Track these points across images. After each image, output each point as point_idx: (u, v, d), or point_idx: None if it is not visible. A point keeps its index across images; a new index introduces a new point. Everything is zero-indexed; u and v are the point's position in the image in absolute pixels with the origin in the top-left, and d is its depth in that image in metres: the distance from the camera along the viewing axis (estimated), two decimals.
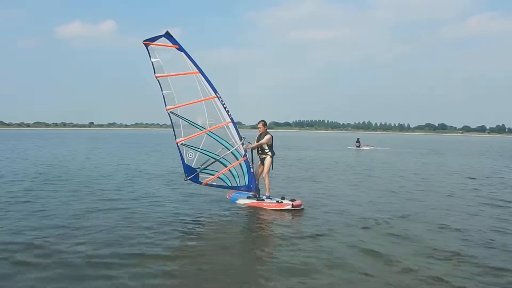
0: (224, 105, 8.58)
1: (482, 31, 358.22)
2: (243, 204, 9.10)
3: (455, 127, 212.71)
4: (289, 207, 8.51)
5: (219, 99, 8.55)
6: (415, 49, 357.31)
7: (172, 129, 8.64)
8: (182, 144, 8.73)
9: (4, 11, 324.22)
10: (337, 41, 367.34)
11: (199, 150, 8.77)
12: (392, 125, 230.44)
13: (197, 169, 8.88)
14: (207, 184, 9.15)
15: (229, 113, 8.65)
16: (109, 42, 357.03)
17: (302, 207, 8.63)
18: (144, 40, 8.09)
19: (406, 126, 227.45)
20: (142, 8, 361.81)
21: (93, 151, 29.71)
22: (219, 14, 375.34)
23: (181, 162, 8.87)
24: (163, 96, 8.36)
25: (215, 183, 9.14)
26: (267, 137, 9.08)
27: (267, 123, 9.47)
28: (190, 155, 8.79)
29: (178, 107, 8.48)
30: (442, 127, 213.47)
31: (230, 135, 8.75)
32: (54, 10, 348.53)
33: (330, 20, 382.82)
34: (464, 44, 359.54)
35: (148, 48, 8.13)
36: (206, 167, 8.88)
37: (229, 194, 9.69)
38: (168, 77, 8.29)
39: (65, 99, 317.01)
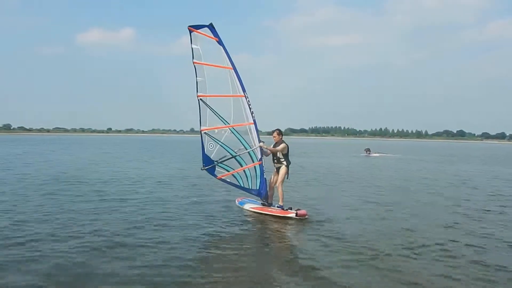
0: (250, 106, 8.80)
1: (502, 35, 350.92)
2: (249, 209, 9.25)
3: (474, 134, 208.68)
4: (293, 215, 8.52)
5: (246, 99, 8.78)
6: (432, 55, 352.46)
7: (199, 117, 8.82)
8: (205, 133, 8.89)
9: (27, 19, 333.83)
10: (354, 47, 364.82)
11: (219, 143, 8.95)
12: (410, 131, 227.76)
13: (215, 162, 9.08)
14: (221, 179, 9.26)
15: (253, 115, 8.85)
16: (128, 50, 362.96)
17: (306, 216, 8.56)
18: (189, 26, 8.42)
19: (423, 133, 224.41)
20: (161, 16, 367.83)
21: (110, 156, 30.86)
22: (236, 22, 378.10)
23: (201, 152, 9.03)
24: (197, 82, 8.57)
25: (228, 180, 9.24)
26: (282, 145, 8.98)
27: (283, 130, 9.49)
28: (211, 146, 8.97)
29: (208, 96, 8.71)
30: (461, 134, 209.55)
31: (250, 136, 8.96)
32: (74, 18, 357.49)
33: (346, 26, 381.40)
34: (483, 49, 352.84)
35: (191, 34, 8.46)
36: (223, 161, 9.06)
37: (238, 199, 9.94)
38: (204, 66, 8.56)
39: (84, 105, 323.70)
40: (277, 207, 9.02)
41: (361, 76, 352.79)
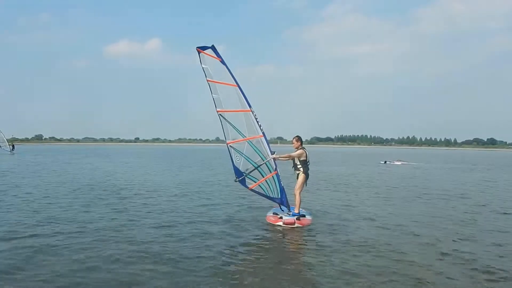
0: (257, 120, 9.15)
1: None
2: (266, 217, 9.50)
3: (506, 142, 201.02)
4: (281, 223, 8.75)
5: (253, 114, 9.12)
6: (461, 62, 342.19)
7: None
8: (230, 146, 9.25)
9: (57, 33, 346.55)
10: (381, 55, 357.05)
11: (243, 155, 9.31)
12: (438, 140, 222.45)
13: (244, 173, 9.42)
14: (252, 190, 9.61)
15: (261, 127, 9.20)
16: (155, 60, 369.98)
17: (296, 225, 8.64)
18: (197, 47, 8.83)
19: (452, 141, 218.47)
20: (187, 27, 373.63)
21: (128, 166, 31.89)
22: (261, 33, 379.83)
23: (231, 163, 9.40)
24: (213, 98, 9.00)
25: (257, 190, 9.58)
26: (297, 152, 9.17)
27: (309, 139, 9.72)
28: (237, 158, 9.35)
29: (225, 112, 9.09)
30: (492, 142, 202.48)
31: (263, 148, 9.30)
32: (102, 31, 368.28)
33: (373, 35, 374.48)
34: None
35: (199, 55, 8.86)
36: (249, 173, 9.39)
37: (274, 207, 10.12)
38: (216, 83, 8.97)
39: (112, 115, 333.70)
40: (292, 214, 9.17)
41: (388, 85, 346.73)
